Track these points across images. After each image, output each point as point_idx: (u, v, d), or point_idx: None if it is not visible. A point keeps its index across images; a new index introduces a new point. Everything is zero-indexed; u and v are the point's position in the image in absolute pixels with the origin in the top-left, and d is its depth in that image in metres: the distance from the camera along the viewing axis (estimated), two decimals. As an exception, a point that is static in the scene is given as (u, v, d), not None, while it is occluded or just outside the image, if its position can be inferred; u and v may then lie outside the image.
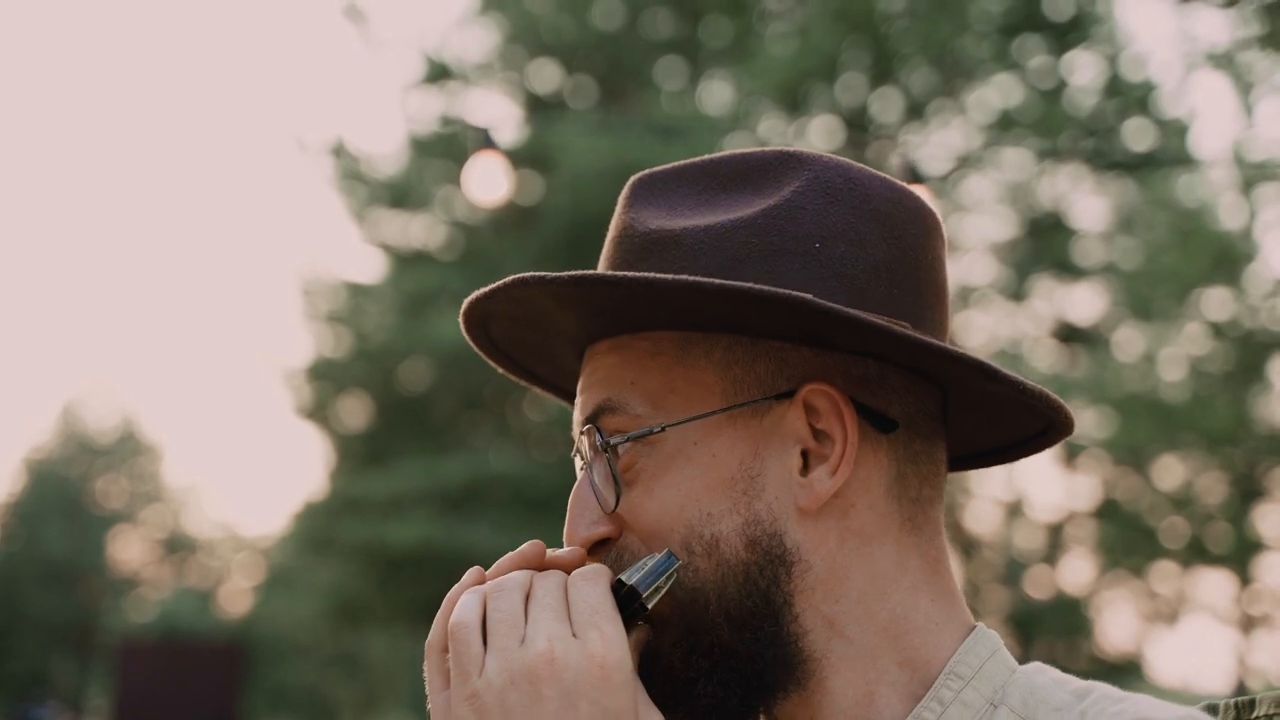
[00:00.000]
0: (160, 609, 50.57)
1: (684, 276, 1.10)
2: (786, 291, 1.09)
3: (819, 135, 19.51)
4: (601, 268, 1.23)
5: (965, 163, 18.96)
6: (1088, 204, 19.83)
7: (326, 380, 22.12)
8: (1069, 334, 19.68)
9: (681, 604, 1.13)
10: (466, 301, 1.22)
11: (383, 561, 20.24)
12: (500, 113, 20.60)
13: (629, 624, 1.10)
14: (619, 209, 1.25)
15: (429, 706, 1.11)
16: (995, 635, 1.19)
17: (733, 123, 18.59)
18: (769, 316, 1.12)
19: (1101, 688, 1.13)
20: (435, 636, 1.12)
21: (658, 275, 1.10)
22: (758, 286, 1.09)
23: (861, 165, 1.22)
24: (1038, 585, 21.61)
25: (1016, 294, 19.49)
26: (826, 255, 1.15)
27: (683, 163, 1.25)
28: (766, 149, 1.23)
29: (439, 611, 1.13)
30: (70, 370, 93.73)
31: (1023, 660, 1.19)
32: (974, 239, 19.73)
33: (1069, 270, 19.66)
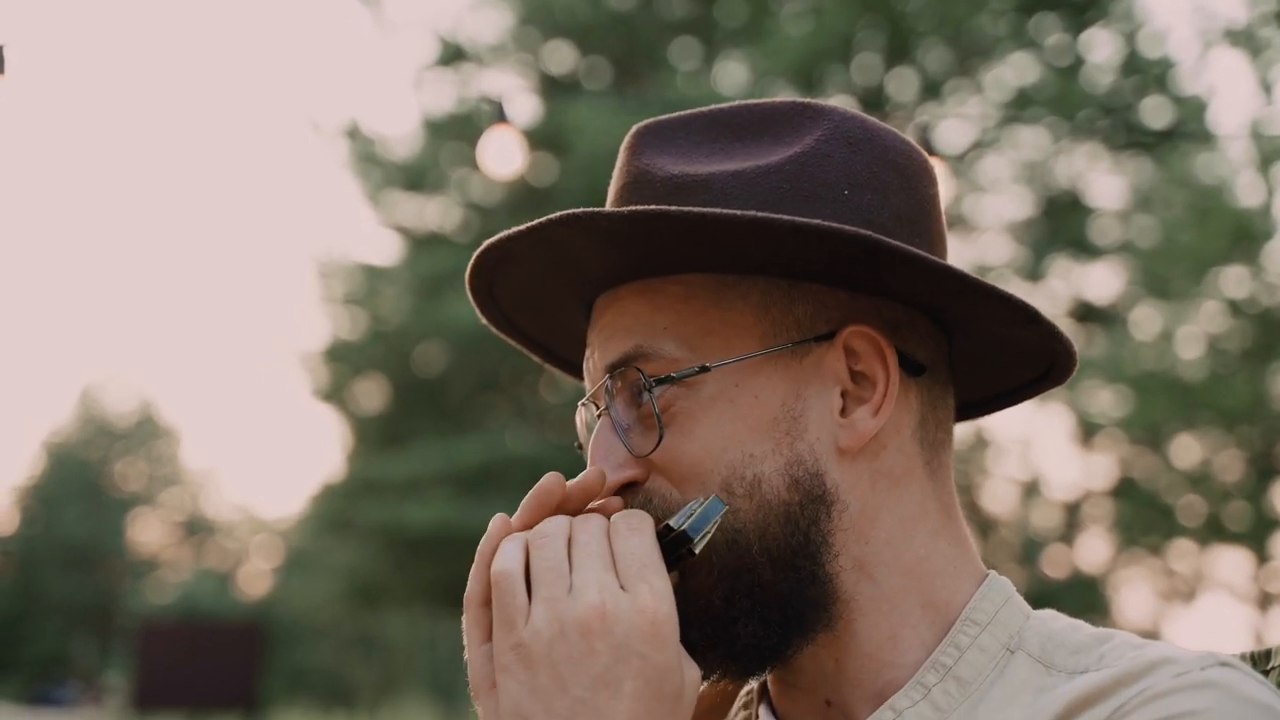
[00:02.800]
0: (180, 591, 50.78)
1: (751, 212, 1.09)
2: (864, 231, 1.10)
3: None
4: None
5: (981, 141, 18.89)
6: (1105, 182, 19.74)
7: (343, 363, 22.18)
8: (1086, 313, 19.61)
9: (719, 546, 1.13)
10: (488, 242, 1.21)
11: (400, 543, 20.31)
12: (514, 94, 20.57)
13: (670, 569, 1.10)
14: (624, 157, 1.25)
15: (466, 658, 1.11)
16: (1008, 581, 1.21)
17: (748, 103, 18.52)
18: (825, 257, 1.13)
19: (1122, 634, 1.14)
20: (473, 590, 1.12)
21: (724, 211, 1.09)
22: (833, 224, 1.09)
23: (872, 118, 1.24)
24: (1055, 564, 21.58)
25: (1033, 273, 19.43)
26: (855, 202, 1.17)
27: (688, 112, 1.26)
28: (778, 100, 1.24)
29: (474, 565, 1.13)
30: (89, 355, 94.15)
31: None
32: (990, 218, 19.67)
33: (1086, 249, 19.58)
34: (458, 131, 20.00)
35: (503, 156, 7.56)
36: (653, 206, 1.11)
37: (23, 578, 55.63)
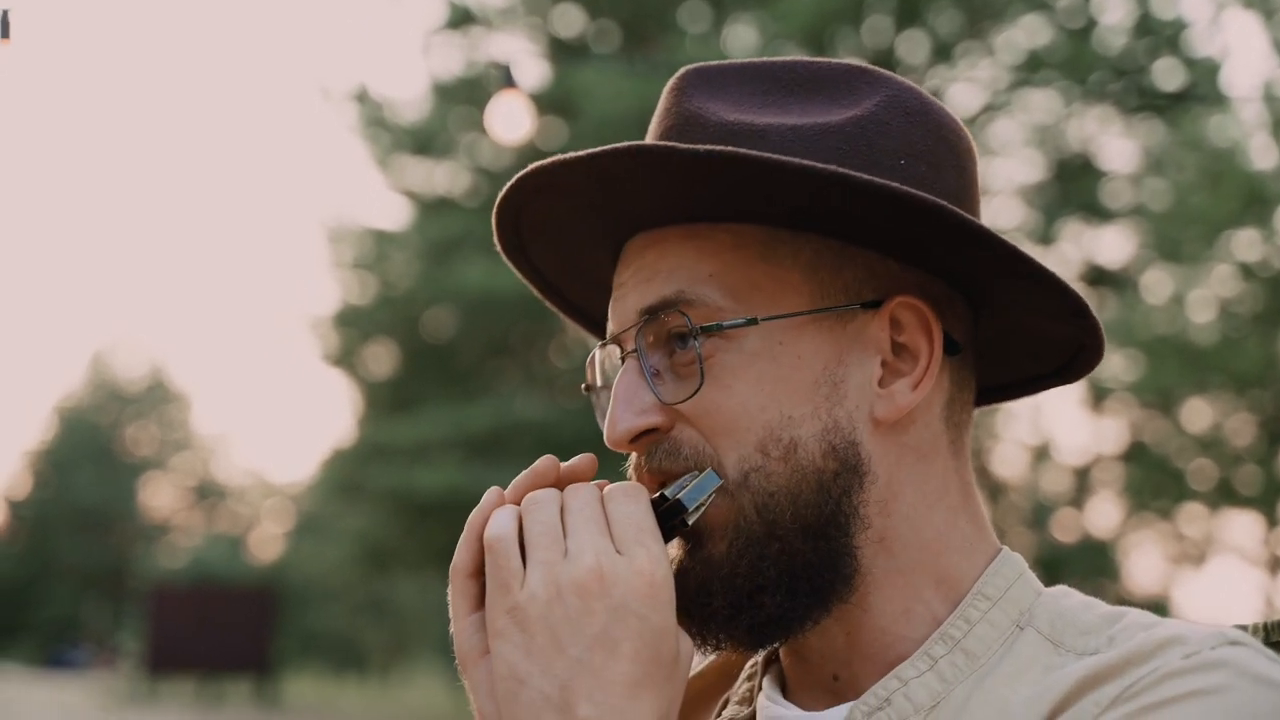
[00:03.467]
0: (191, 555, 51.02)
1: (833, 166, 1.07)
2: (962, 213, 1.08)
3: (844, 78, 19.31)
4: None
5: (993, 104, 18.79)
6: (1117, 145, 19.66)
7: (353, 327, 22.20)
8: (1097, 277, 19.56)
9: (746, 511, 1.11)
10: (537, 165, 1.16)
11: (410, 508, 20.38)
12: (523, 58, 20.50)
13: (664, 540, 1.09)
14: (671, 98, 1.21)
15: (452, 631, 1.10)
16: (1020, 558, 1.19)
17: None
18: (900, 226, 1.11)
19: (1133, 613, 1.12)
20: (460, 561, 1.11)
21: (809, 162, 1.07)
22: (929, 197, 1.08)
23: (925, 91, 1.22)
24: (1064, 528, 21.62)
25: (1044, 237, 19.37)
26: (910, 174, 1.15)
27: (738, 61, 1.22)
28: (831, 60, 1.22)
29: (463, 535, 1.12)
30: (99, 320, 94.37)
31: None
32: (1001, 182, 19.60)
33: (1097, 212, 19.51)
34: (466, 95, 19.93)
35: (510, 121, 7.52)
36: (729, 148, 1.08)
37: (35, 542, 55.99)
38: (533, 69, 19.73)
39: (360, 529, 23.80)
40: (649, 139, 1.21)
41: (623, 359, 1.18)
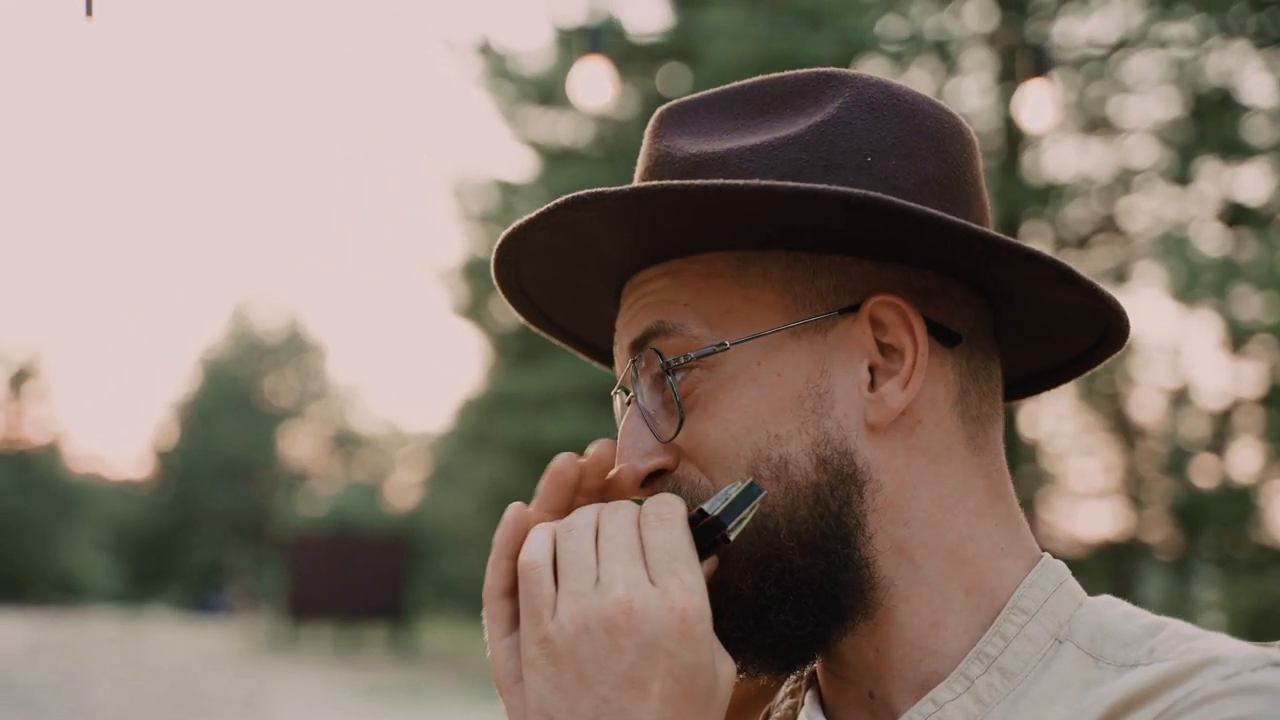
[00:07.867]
0: (330, 503, 52.23)
1: (755, 181, 1.06)
2: (874, 193, 1.05)
3: (973, 18, 18.95)
4: None
5: (1127, 40, 18.30)
6: (1256, 80, 19.01)
7: (481, 279, 22.43)
8: (1236, 215, 19.00)
9: (748, 531, 1.08)
10: (505, 234, 1.18)
11: (537, 457, 20.57)
12: (646, 4, 20.42)
13: (703, 557, 1.06)
14: (647, 141, 1.21)
15: (489, 654, 1.09)
16: (1062, 566, 1.15)
17: (883, 6, 18.16)
18: (839, 223, 1.08)
19: (1175, 624, 1.08)
20: (492, 584, 1.10)
21: (728, 182, 1.05)
22: (838, 188, 1.05)
23: (901, 83, 1.19)
24: (1204, 474, 21.14)
25: (1181, 176, 18.84)
26: (879, 169, 1.12)
27: (710, 91, 1.22)
28: (800, 71, 1.20)
29: (492, 556, 1.11)
30: (239, 274, 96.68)
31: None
32: (1136, 120, 19.09)
33: (1236, 150, 18.92)
34: (589, 45, 19.93)
35: (592, 88, 7.52)
36: (654, 183, 1.08)
37: (182, 490, 57.81)
38: (655, 14, 19.66)
39: (491, 478, 24.14)
40: (634, 181, 1.21)
41: (627, 404, 1.17)
